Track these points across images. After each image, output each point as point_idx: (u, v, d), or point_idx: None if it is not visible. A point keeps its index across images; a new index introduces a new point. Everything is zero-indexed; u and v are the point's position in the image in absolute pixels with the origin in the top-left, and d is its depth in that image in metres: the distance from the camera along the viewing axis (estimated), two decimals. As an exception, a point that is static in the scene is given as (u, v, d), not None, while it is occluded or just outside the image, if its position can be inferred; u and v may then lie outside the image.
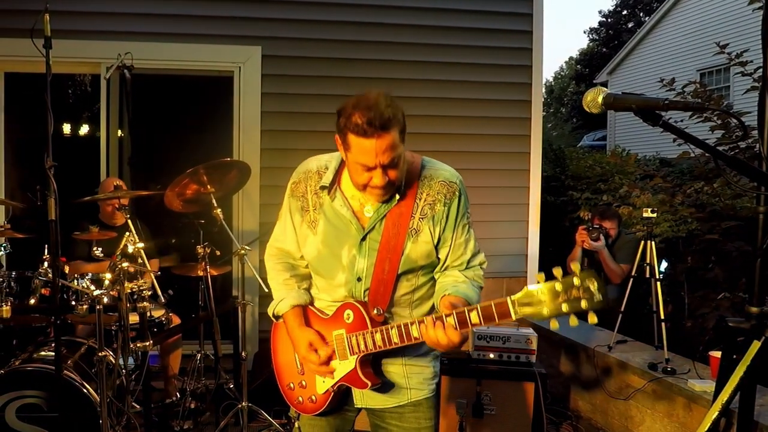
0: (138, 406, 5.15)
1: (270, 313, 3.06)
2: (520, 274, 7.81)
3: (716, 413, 2.49)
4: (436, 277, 2.93)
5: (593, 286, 2.24)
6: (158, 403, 5.70)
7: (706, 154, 7.39)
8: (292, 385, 3.06)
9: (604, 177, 11.54)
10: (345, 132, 2.60)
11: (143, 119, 6.93)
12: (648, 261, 5.85)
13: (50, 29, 3.93)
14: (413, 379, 2.97)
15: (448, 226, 2.83)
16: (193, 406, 5.59)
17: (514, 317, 2.39)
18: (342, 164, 2.86)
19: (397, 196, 2.76)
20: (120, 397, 4.96)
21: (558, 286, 2.29)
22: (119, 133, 6.99)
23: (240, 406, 5.14)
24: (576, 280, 2.26)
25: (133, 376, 5.19)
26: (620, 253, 7.07)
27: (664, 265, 6.61)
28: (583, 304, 2.26)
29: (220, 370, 5.53)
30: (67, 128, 10.22)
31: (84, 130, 10.49)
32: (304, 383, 3.00)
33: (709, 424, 2.46)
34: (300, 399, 3.02)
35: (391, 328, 2.68)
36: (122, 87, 5.84)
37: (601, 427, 5.95)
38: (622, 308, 5.99)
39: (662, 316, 5.71)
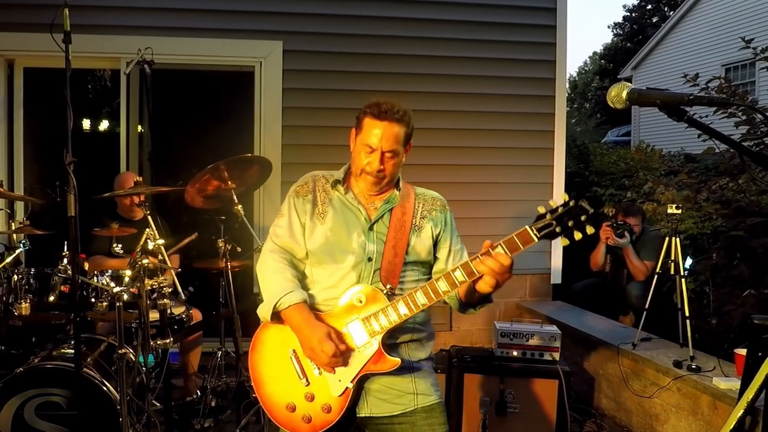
0: (158, 404, 5.13)
1: (265, 311, 2.95)
2: (543, 270, 7.76)
3: (741, 411, 2.43)
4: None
5: (584, 203, 2.57)
6: (179, 400, 5.67)
7: (731, 150, 7.36)
8: (292, 403, 2.93)
9: (628, 173, 11.43)
10: (363, 115, 2.99)
11: (163, 115, 6.91)
12: (672, 258, 5.79)
13: (69, 24, 3.88)
14: (420, 384, 2.98)
15: (446, 229, 3.14)
16: (213, 403, 5.57)
17: (536, 240, 2.64)
18: (348, 170, 3.14)
19: (397, 192, 3.10)
20: (140, 395, 4.93)
21: (560, 209, 2.60)
22: (139, 128, 6.98)
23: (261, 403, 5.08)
24: (572, 201, 2.59)
25: (153, 374, 5.16)
26: (644, 249, 7.02)
27: (688, 261, 6.52)
28: (582, 218, 2.56)
29: (241, 368, 5.49)
30: (86, 124, 10.23)
31: (104, 125, 10.50)
32: (310, 394, 2.90)
33: (734, 423, 2.41)
34: (307, 416, 2.90)
35: (415, 292, 2.77)
36: (142, 82, 5.83)
37: (625, 426, 5.88)
38: (647, 305, 5.92)
39: (687, 314, 5.65)
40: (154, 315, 4.88)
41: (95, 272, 4.86)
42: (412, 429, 2.91)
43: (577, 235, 2.58)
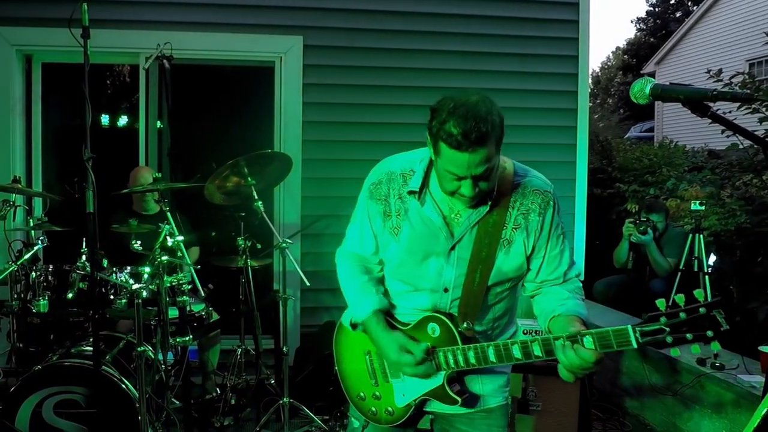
0: (177, 402, 5.12)
1: (346, 323, 2.90)
2: (566, 268, 7.66)
3: (766, 409, 2.37)
4: (522, 289, 2.80)
5: (720, 316, 2.13)
6: (198, 398, 5.65)
7: (756, 146, 7.27)
8: (362, 394, 2.92)
9: (651, 169, 11.40)
10: (436, 137, 2.38)
11: (183, 110, 6.88)
12: (696, 255, 5.75)
13: (88, 19, 3.86)
14: (487, 386, 2.81)
15: (542, 236, 2.66)
16: (233, 401, 5.55)
17: (635, 345, 2.25)
18: (430, 164, 2.65)
19: (489, 203, 2.58)
20: (159, 392, 4.92)
21: (682, 315, 2.18)
22: (158, 124, 6.96)
23: (281, 402, 5.07)
24: (702, 309, 2.15)
25: (172, 372, 5.13)
26: (668, 246, 6.98)
27: (712, 258, 6.47)
28: (709, 333, 2.15)
29: (261, 366, 5.48)
30: (105, 119, 10.23)
31: (123, 121, 10.50)
32: (378, 394, 2.86)
33: (758, 420, 2.35)
34: (373, 410, 2.88)
35: (488, 347, 2.53)
36: (161, 77, 5.79)
37: (648, 424, 5.86)
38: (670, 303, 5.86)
39: (710, 311, 5.58)
40: (173, 312, 4.88)
41: (114, 269, 4.84)
42: (470, 425, 2.81)
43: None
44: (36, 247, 4.77)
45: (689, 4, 38.16)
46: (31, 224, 4.96)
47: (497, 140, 2.37)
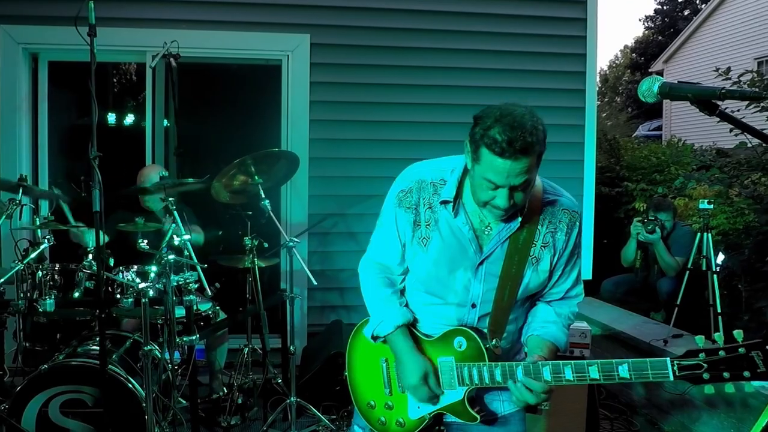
0: (184, 402, 5.11)
1: (368, 335, 2.84)
2: (574, 266, 7.65)
3: (774, 409, 2.38)
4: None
5: (758, 358, 2.15)
6: (205, 398, 5.65)
7: (764, 145, 7.25)
8: (373, 403, 2.89)
9: (659, 168, 11.40)
10: (479, 143, 2.36)
11: (189, 109, 6.90)
12: (704, 253, 5.74)
13: (95, 17, 3.84)
14: (505, 393, 2.76)
15: (565, 255, 2.68)
16: (240, 401, 5.53)
17: (671, 378, 2.28)
18: (463, 175, 2.62)
19: (519, 218, 2.57)
20: (166, 392, 4.91)
21: (722, 353, 2.21)
22: (165, 122, 6.96)
23: (288, 401, 5.07)
24: (741, 350, 2.18)
25: (179, 371, 5.12)
26: (676, 245, 6.97)
27: (720, 257, 6.46)
28: (746, 374, 2.18)
29: (268, 365, 5.48)
30: (112, 118, 10.23)
31: (129, 119, 10.49)
32: (390, 404, 2.83)
33: (766, 420, 2.35)
34: (382, 420, 2.85)
35: (516, 367, 2.53)
36: (168, 76, 5.81)
37: (656, 423, 5.82)
38: (678, 302, 5.85)
39: (719, 310, 5.58)
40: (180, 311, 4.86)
41: (120, 268, 4.83)
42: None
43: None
44: (42, 246, 4.75)
45: (697, 2, 38.15)
46: (38, 223, 4.95)
47: (539, 154, 2.37)
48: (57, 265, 4.75)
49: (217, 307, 5.49)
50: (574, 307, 2.80)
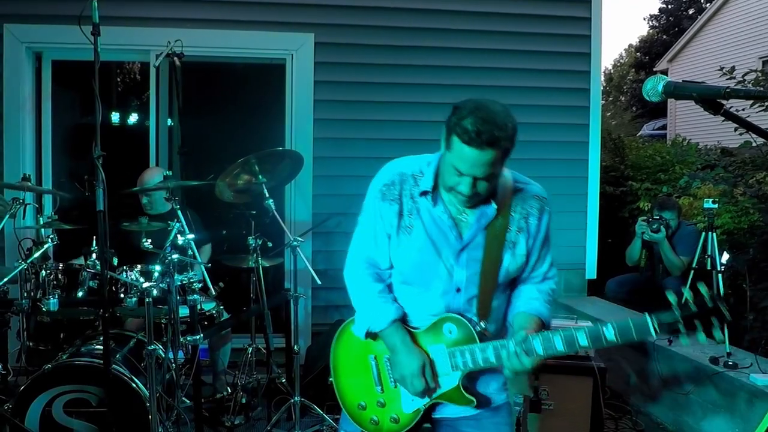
0: (188, 401, 5.09)
1: (359, 333, 2.89)
2: (578, 266, 7.67)
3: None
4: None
5: (725, 309, 2.41)
6: (209, 397, 5.64)
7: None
8: (363, 404, 2.91)
9: (664, 167, 11.34)
10: (452, 131, 2.51)
11: (193, 108, 6.89)
12: (709, 253, 5.73)
13: (98, 16, 3.83)
14: (492, 386, 2.85)
15: (539, 239, 2.82)
16: (244, 400, 5.53)
17: (654, 335, 2.53)
18: (439, 166, 2.73)
19: (495, 206, 2.70)
20: (170, 391, 4.89)
21: (693, 308, 2.46)
22: (169, 122, 6.95)
23: (292, 400, 5.05)
24: (710, 304, 2.43)
25: (183, 371, 5.12)
26: (680, 244, 6.95)
27: (725, 257, 6.43)
28: (713, 321, 2.42)
29: (272, 365, 5.46)
30: (115, 117, 10.23)
31: (133, 118, 10.49)
32: (382, 401, 2.86)
33: None
34: (375, 419, 2.88)
35: (507, 342, 2.62)
36: (172, 75, 5.77)
37: (661, 423, 5.84)
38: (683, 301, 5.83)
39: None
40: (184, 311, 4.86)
41: (124, 267, 4.83)
42: (477, 426, 2.82)
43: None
44: (46, 246, 4.75)
45: (702, 1, 38.06)
46: (41, 222, 4.95)
47: (506, 150, 2.51)
48: (61, 265, 4.76)
49: (221, 307, 5.49)
50: (552, 284, 2.92)
